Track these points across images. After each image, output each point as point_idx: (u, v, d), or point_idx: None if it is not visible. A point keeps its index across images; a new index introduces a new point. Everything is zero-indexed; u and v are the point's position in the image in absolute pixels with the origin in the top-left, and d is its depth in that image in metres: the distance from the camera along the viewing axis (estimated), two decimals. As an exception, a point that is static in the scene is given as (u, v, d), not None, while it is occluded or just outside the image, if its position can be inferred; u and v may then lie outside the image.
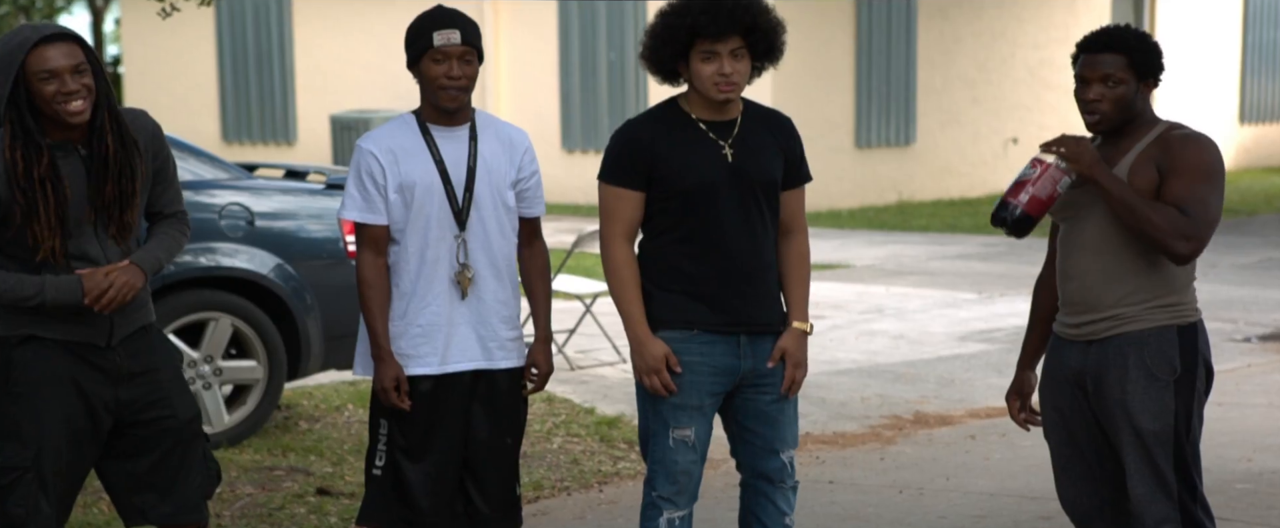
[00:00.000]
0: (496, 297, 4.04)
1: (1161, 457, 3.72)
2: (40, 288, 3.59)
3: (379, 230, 3.99)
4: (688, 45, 3.86)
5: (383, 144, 3.98)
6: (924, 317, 9.84)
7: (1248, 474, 6.01)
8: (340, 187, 6.79)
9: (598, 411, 7.06)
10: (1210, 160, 3.69)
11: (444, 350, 4.00)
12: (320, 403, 7.18)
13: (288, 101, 18.66)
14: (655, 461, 4.01)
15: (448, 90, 3.93)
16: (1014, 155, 17.98)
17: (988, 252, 13.11)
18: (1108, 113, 3.73)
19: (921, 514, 5.51)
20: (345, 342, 6.65)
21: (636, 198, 3.92)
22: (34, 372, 3.64)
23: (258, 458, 6.16)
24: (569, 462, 6.22)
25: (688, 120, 3.94)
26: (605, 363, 8.21)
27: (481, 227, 4.00)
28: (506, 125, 4.12)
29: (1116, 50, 3.72)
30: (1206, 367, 3.80)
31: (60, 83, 3.54)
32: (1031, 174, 3.70)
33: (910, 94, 17.10)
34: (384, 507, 4.08)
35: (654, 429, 3.99)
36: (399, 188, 3.96)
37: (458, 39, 3.90)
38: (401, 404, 3.98)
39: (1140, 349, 3.72)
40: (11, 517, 3.66)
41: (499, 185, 4.01)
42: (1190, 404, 3.75)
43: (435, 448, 4.03)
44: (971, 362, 8.38)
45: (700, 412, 3.98)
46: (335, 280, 6.60)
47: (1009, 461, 6.26)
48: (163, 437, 3.77)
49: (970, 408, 7.27)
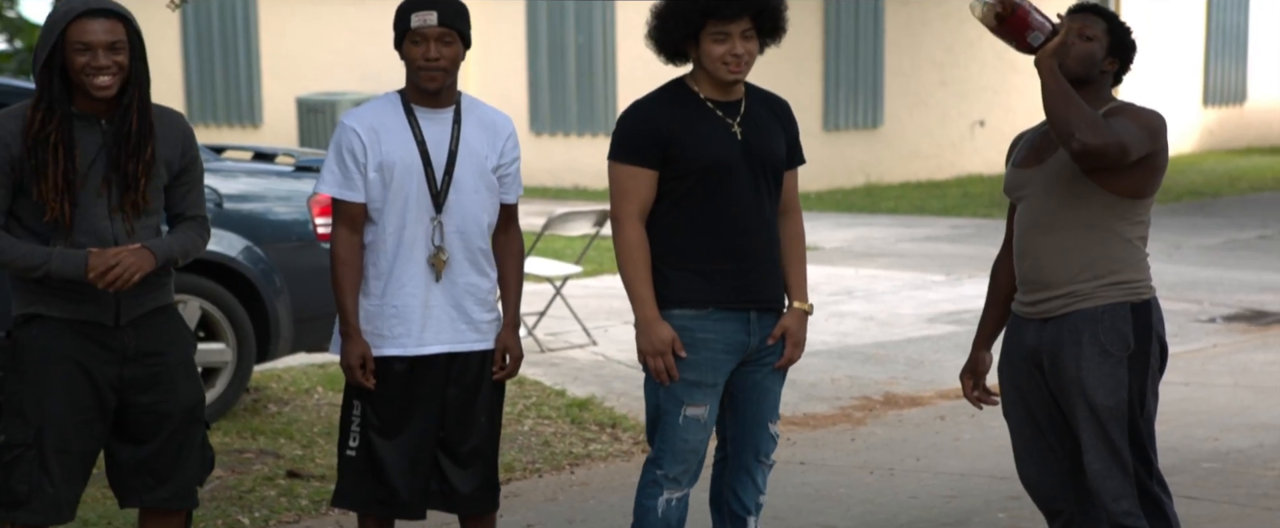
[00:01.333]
0: (472, 280, 4.03)
1: (1116, 432, 3.76)
2: (46, 258, 3.62)
3: (355, 208, 3.97)
4: (699, 26, 3.87)
5: (366, 122, 3.97)
6: (893, 298, 9.87)
7: (1214, 453, 6.06)
8: (310, 169, 6.77)
9: (568, 393, 7.06)
10: (1152, 121, 3.74)
11: (419, 332, 3.99)
12: (289, 386, 7.16)
13: (253, 84, 18.55)
14: (664, 440, 4.00)
15: (426, 71, 3.92)
16: (981, 138, 18.06)
17: (956, 234, 13.16)
18: (1073, 55, 3.78)
19: (892, 495, 5.53)
20: (314, 324, 6.64)
21: (651, 177, 3.91)
22: (37, 350, 3.67)
23: (227, 441, 6.13)
24: (540, 444, 6.22)
25: (697, 100, 3.96)
26: (575, 345, 8.21)
27: (460, 210, 3.99)
28: (491, 110, 4.11)
29: (1100, 16, 3.85)
30: (1161, 344, 3.84)
31: (92, 56, 3.60)
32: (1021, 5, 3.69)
33: (878, 77, 17.13)
34: (358, 489, 4.07)
35: (665, 408, 3.98)
36: (379, 167, 3.95)
37: (434, 20, 3.89)
38: (366, 383, 3.97)
39: (1094, 326, 3.75)
40: (15, 494, 3.69)
41: (480, 169, 4.00)
42: (1144, 381, 3.79)
43: (411, 429, 4.02)
44: (940, 343, 8.42)
45: (713, 390, 3.99)
46: (304, 263, 6.57)
47: (979, 441, 6.29)
48: (162, 422, 3.77)
49: (940, 389, 7.30)
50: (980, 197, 15.87)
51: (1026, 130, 4.02)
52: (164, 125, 3.77)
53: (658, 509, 4.02)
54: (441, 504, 4.12)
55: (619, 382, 7.42)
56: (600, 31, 16.65)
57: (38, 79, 3.64)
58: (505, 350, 4.08)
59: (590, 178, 16.61)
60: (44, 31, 3.64)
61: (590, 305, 9.34)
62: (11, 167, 3.62)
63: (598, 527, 5.17)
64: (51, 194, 3.61)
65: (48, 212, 3.62)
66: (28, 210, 3.65)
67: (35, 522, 3.72)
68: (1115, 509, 3.77)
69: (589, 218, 8.59)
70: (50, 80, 3.62)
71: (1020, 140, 4.00)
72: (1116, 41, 3.82)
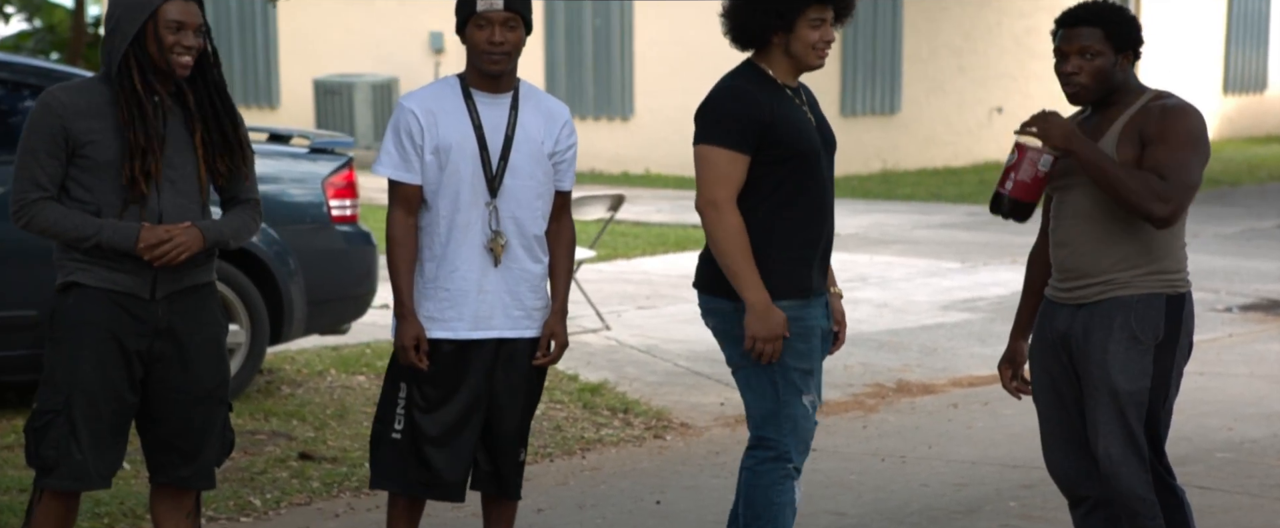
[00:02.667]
0: (526, 266, 4.04)
1: (1134, 417, 3.77)
2: (98, 229, 3.68)
3: (411, 190, 3.99)
4: (800, 11, 3.84)
5: (424, 104, 3.98)
6: (908, 285, 9.85)
7: (1228, 443, 6.04)
8: (324, 151, 6.76)
9: (581, 377, 7.05)
10: (1192, 127, 3.71)
11: (472, 316, 4.00)
12: (303, 368, 7.17)
13: (270, 66, 18.57)
14: (788, 431, 3.96)
15: (490, 55, 3.93)
16: (999, 125, 18.00)
17: (972, 221, 13.13)
18: (1085, 85, 3.77)
19: (903, 482, 5.52)
20: (328, 306, 6.65)
21: (747, 162, 3.85)
22: (72, 318, 3.73)
23: (240, 423, 6.14)
24: (552, 428, 6.22)
25: (777, 85, 3.94)
26: (589, 330, 8.21)
27: (514, 195, 3.99)
28: (548, 97, 4.12)
29: (1093, 23, 3.76)
30: (1187, 339, 3.83)
31: (183, 35, 3.70)
32: (1012, 160, 3.75)
33: (896, 62, 17.08)
34: (401, 470, 4.06)
35: (786, 399, 3.95)
36: (435, 149, 3.96)
37: (500, 4, 3.90)
38: (419, 364, 3.98)
39: (1128, 312, 3.76)
40: (44, 459, 3.75)
41: (535, 155, 4.01)
42: (1168, 372, 3.80)
43: (456, 411, 4.02)
44: (955, 331, 8.40)
45: (815, 376, 4.02)
46: (318, 245, 6.58)
47: (991, 429, 6.28)
48: (184, 400, 3.82)
49: (953, 377, 7.28)
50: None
51: (1067, 118, 4.00)
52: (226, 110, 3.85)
53: (796, 501, 4.00)
54: (472, 483, 4.14)
55: (631, 367, 7.41)
56: (617, 16, 16.62)
57: (124, 57, 3.68)
58: (552, 336, 4.09)
59: (605, 162, 16.60)
60: (124, 10, 3.69)
61: (604, 290, 9.33)
62: (67, 140, 3.67)
63: (608, 512, 5.17)
64: (139, 172, 3.67)
65: (132, 189, 3.67)
66: (76, 179, 3.70)
67: (64, 488, 3.77)
68: (1129, 494, 3.77)
69: (603, 202, 8.57)
70: (139, 58, 3.68)
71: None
72: (1119, 37, 3.77)
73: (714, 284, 3.96)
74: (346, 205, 6.65)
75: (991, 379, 7.19)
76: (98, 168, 3.68)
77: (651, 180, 16.03)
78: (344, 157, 6.74)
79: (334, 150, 6.79)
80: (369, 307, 6.91)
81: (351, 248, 6.70)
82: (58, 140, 3.67)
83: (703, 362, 7.48)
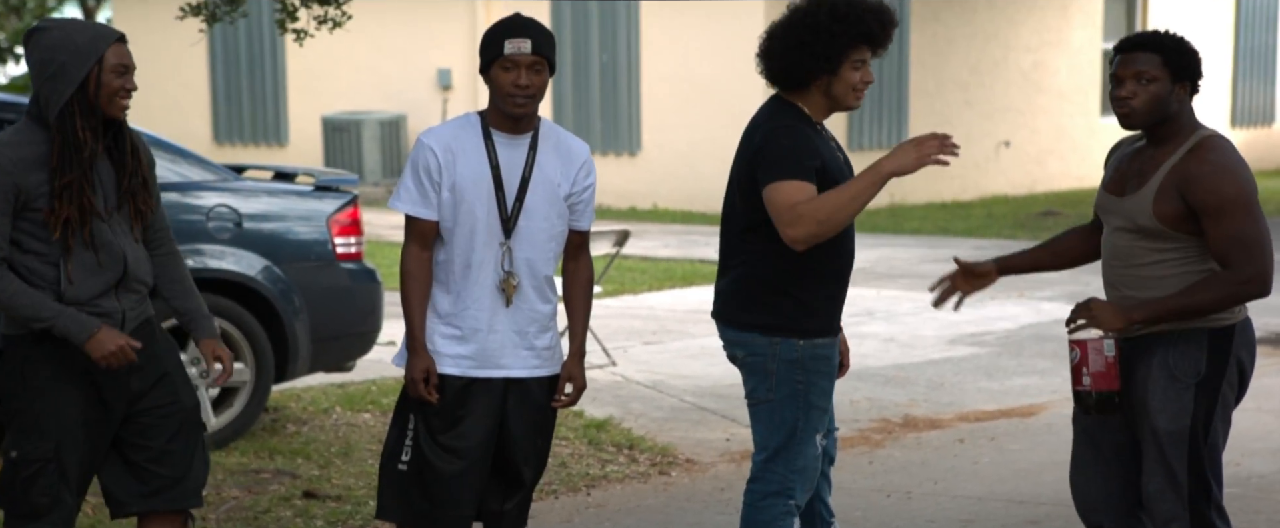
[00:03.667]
0: (536, 306, 4.05)
1: (1175, 456, 3.77)
2: (56, 315, 3.68)
3: (428, 225, 4.02)
4: (846, 54, 3.86)
5: (443, 141, 4.01)
6: (914, 320, 9.83)
7: (1235, 478, 6.00)
8: (329, 188, 6.78)
9: (587, 413, 7.04)
10: (1232, 189, 3.72)
11: (479, 354, 4.02)
12: (308, 405, 7.16)
13: (279, 103, 18.63)
14: (797, 468, 3.98)
15: (515, 98, 3.94)
16: (1006, 158, 18.00)
17: (980, 255, 13.05)
18: (1137, 109, 3.77)
19: (909, 518, 5.50)
20: (333, 344, 6.65)
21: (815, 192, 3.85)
22: (51, 366, 3.74)
23: (244, 461, 6.14)
24: (557, 465, 6.20)
25: (812, 123, 3.97)
26: (594, 365, 8.20)
27: (528, 237, 4.01)
28: (569, 136, 4.13)
29: (1152, 49, 3.78)
30: (1239, 368, 3.83)
31: (126, 80, 3.73)
32: (1076, 357, 3.79)
33: (903, 96, 17.10)
34: (407, 502, 4.08)
35: (803, 436, 3.97)
36: (452, 186, 3.99)
37: (528, 48, 3.91)
38: (429, 397, 4.00)
39: (1166, 350, 3.77)
40: (36, 506, 3.76)
41: (551, 197, 4.02)
42: (1211, 409, 3.79)
43: (464, 446, 4.03)
44: (961, 365, 8.38)
45: (830, 410, 4.09)
46: (324, 282, 6.58)
47: (998, 465, 6.25)
48: (168, 421, 3.87)
49: (960, 412, 7.26)
50: (1005, 218, 15.81)
51: (1123, 140, 4.01)
52: (141, 145, 3.92)
53: None
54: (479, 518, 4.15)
55: (637, 402, 7.40)
56: (625, 51, 16.67)
57: (67, 104, 3.68)
58: (570, 379, 4.10)
59: (613, 197, 16.62)
60: (70, 56, 3.68)
61: (610, 326, 9.33)
62: (18, 195, 3.66)
63: (612, 549, 5.15)
64: (74, 216, 3.67)
65: (66, 232, 3.67)
66: (29, 232, 3.69)
67: None
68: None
69: (609, 238, 8.58)
70: (80, 103, 3.68)
71: (1116, 150, 4.00)
72: (1176, 66, 3.78)
73: (742, 317, 3.97)
74: (351, 243, 6.66)
75: (999, 415, 7.18)
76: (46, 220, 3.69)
77: (659, 215, 16.04)
78: (349, 194, 6.76)
79: (339, 188, 6.81)
80: (374, 344, 6.91)
81: (356, 285, 6.71)
82: (9, 198, 3.65)
83: (708, 397, 7.47)
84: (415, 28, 17.35)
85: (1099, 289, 4.06)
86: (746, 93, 16.89)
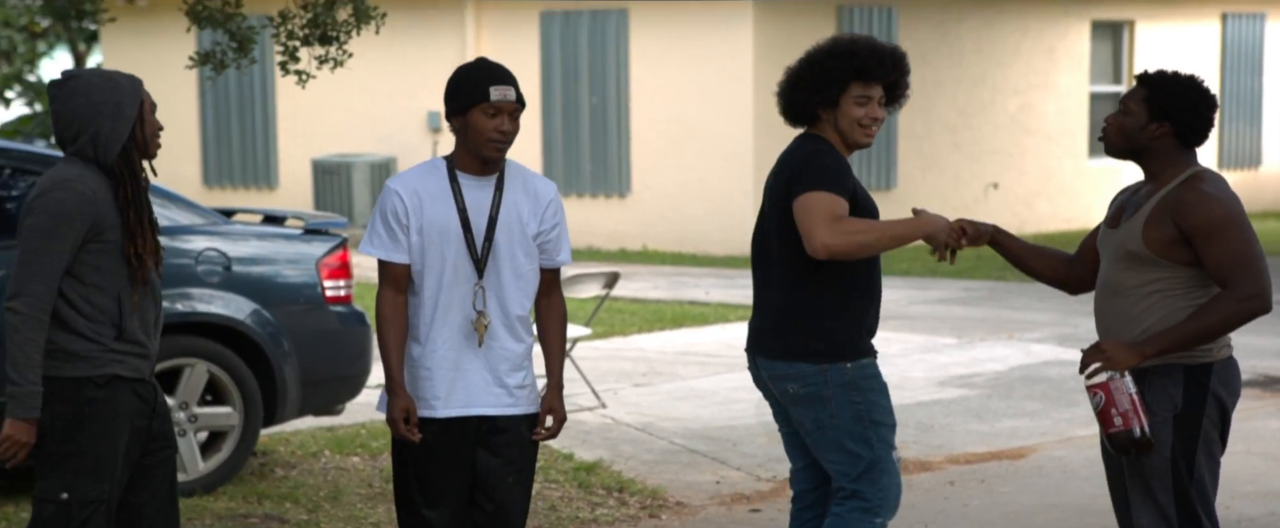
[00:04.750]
0: (506, 345, 4.09)
1: (1160, 489, 3.82)
2: (23, 384, 3.71)
3: (400, 269, 4.08)
4: (844, 88, 4.01)
5: (409, 186, 4.08)
6: (904, 361, 9.83)
7: (1226, 522, 5.95)
8: (318, 232, 6.79)
9: (576, 456, 7.03)
10: (1223, 212, 3.79)
11: (447, 395, 4.05)
12: (297, 449, 7.14)
13: (269, 146, 18.65)
14: (883, 487, 4.07)
15: (495, 142, 4.03)
16: (995, 200, 18.05)
17: (968, 296, 13.13)
18: (1108, 135, 3.93)
19: (899, 562, 5.48)
20: (322, 387, 6.64)
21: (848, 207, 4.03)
22: (111, 409, 3.81)
23: (233, 506, 6.11)
24: (547, 508, 6.19)
25: (836, 153, 4.11)
26: (584, 408, 8.18)
27: (498, 276, 4.07)
28: (535, 177, 4.19)
29: (1143, 84, 3.91)
30: (1219, 405, 3.86)
31: (155, 118, 3.90)
32: (1100, 401, 3.83)
33: (891, 138, 17.16)
34: None
35: (881, 452, 4.07)
36: (420, 229, 4.05)
37: (512, 96, 4.03)
38: (411, 436, 4.03)
39: (1141, 384, 3.82)
40: None
41: (520, 236, 4.08)
42: (1192, 442, 3.83)
43: (445, 488, 4.08)
44: (951, 407, 8.37)
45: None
46: (313, 326, 6.58)
47: (987, 507, 6.24)
48: (163, 466, 3.96)
49: (949, 454, 7.25)
50: (994, 259, 15.83)
51: (1128, 187, 4.09)
52: None
53: None
54: None
55: (627, 445, 7.39)
56: (614, 93, 16.73)
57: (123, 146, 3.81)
58: (550, 411, 4.14)
59: (603, 239, 16.63)
60: (125, 95, 3.82)
61: (600, 368, 9.32)
62: (93, 223, 3.76)
63: (602, 593, 5.13)
64: (143, 251, 3.81)
65: (139, 267, 3.80)
66: (92, 264, 3.77)
67: None
68: None
69: (599, 279, 8.58)
70: (134, 143, 3.84)
71: (1121, 192, 4.10)
72: (1156, 104, 3.86)
73: (791, 349, 4.05)
74: (341, 286, 6.66)
75: (989, 457, 7.17)
76: (113, 250, 3.78)
77: (649, 257, 16.06)
78: (338, 237, 6.76)
79: (328, 231, 6.81)
80: (363, 387, 6.90)
81: (346, 328, 6.71)
82: (85, 228, 3.75)
83: (699, 440, 7.45)
84: (405, 71, 17.40)
85: (1088, 331, 4.10)
86: (735, 135, 16.94)
